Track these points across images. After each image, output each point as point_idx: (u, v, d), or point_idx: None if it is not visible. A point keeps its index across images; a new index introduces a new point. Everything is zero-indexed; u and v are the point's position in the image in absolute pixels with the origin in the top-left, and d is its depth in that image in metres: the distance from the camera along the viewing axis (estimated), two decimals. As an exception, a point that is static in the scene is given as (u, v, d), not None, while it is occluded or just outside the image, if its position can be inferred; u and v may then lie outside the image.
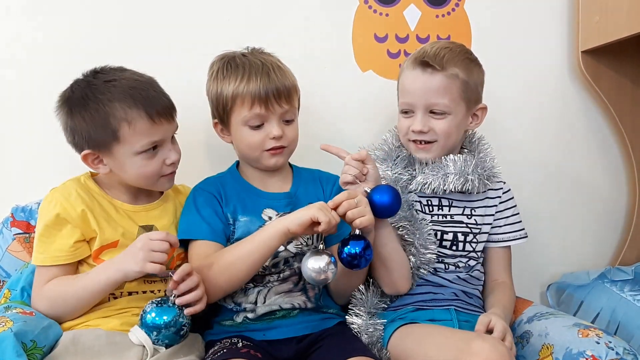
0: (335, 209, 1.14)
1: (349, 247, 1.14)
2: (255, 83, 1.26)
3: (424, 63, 1.31)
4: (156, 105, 1.19)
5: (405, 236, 1.31)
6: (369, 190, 1.18)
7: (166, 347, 1.13)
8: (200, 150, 1.58)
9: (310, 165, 1.47)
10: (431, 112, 1.32)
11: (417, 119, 1.33)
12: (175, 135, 1.28)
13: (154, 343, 1.12)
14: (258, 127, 1.29)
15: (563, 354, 1.14)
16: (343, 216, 1.14)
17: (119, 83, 1.19)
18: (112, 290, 1.18)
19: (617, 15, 1.55)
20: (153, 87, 1.23)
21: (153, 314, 1.11)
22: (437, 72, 1.30)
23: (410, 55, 1.38)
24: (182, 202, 1.35)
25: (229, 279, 1.20)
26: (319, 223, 1.12)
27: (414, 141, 1.35)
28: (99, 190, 1.26)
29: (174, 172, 1.28)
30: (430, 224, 1.34)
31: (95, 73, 1.23)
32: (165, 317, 1.11)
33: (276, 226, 1.17)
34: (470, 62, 1.34)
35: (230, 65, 1.31)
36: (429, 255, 1.31)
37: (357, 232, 1.15)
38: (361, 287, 1.31)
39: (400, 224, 1.31)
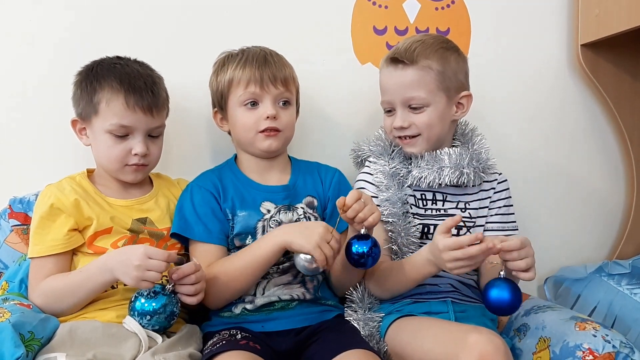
0: (341, 207, 1.14)
1: (356, 246, 1.14)
2: (252, 65, 1.30)
3: (394, 60, 1.33)
4: (136, 94, 1.23)
5: (390, 233, 1.32)
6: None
7: (157, 332, 1.15)
8: (202, 149, 1.57)
9: (307, 157, 1.47)
10: (410, 106, 1.33)
11: (397, 116, 1.34)
12: (159, 137, 1.31)
13: (144, 327, 1.13)
14: (253, 107, 1.31)
15: (560, 347, 1.15)
16: (351, 218, 1.15)
17: (121, 68, 1.26)
18: (106, 288, 1.19)
19: (616, 8, 1.55)
20: (145, 80, 1.26)
21: (142, 300, 1.13)
22: (407, 66, 1.31)
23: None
24: (177, 195, 1.37)
25: (232, 292, 1.26)
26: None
27: (399, 137, 1.36)
28: (92, 189, 1.29)
29: (141, 166, 1.28)
30: (417, 220, 1.33)
31: (117, 58, 1.31)
32: (154, 304, 1.13)
33: (274, 240, 1.20)
34: (445, 51, 1.33)
35: (230, 56, 1.35)
36: (408, 255, 1.30)
37: (363, 231, 1.15)
38: (357, 285, 1.32)
39: (389, 219, 1.32)
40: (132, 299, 1.14)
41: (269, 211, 1.31)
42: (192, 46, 1.54)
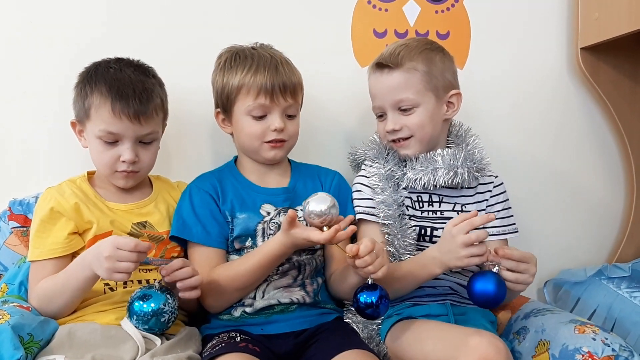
0: (353, 255, 1.10)
1: (364, 296, 1.11)
2: (263, 75, 1.27)
3: (380, 65, 1.35)
4: (122, 101, 1.22)
5: (387, 235, 1.32)
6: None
7: (155, 334, 1.14)
8: (203, 153, 1.57)
9: (308, 160, 1.47)
10: (400, 109, 1.34)
11: (389, 119, 1.35)
12: (151, 143, 1.28)
13: (142, 329, 1.12)
14: (261, 118, 1.29)
15: (559, 350, 1.15)
16: (360, 267, 1.11)
17: (114, 73, 1.25)
18: (91, 286, 1.17)
19: (616, 12, 1.55)
20: (135, 87, 1.24)
21: (140, 302, 1.12)
22: (393, 70, 1.33)
23: None
24: (176, 198, 1.36)
25: (239, 295, 1.27)
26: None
27: (393, 141, 1.36)
28: (93, 192, 1.29)
29: (131, 173, 1.27)
30: (413, 222, 1.33)
31: (116, 60, 1.30)
32: (152, 305, 1.12)
33: (279, 242, 1.18)
34: (430, 52, 1.35)
35: (238, 56, 1.32)
36: (406, 257, 1.30)
37: (370, 281, 1.12)
38: None
39: (385, 222, 1.32)
40: (130, 302, 1.14)
41: (268, 213, 1.31)
42: (193, 49, 1.54)
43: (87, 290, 1.17)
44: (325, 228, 1.11)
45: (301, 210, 1.15)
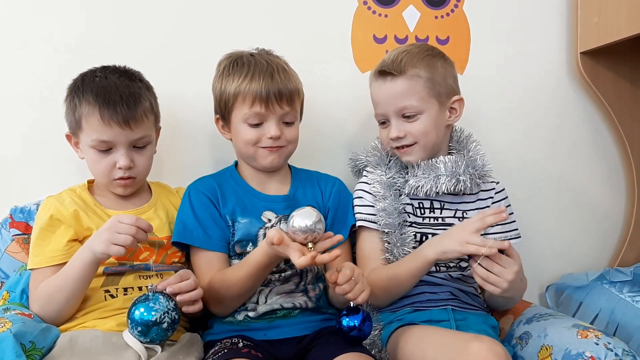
0: (333, 282, 1.12)
1: (347, 319, 1.14)
2: (258, 82, 1.27)
3: (382, 72, 1.35)
4: (110, 108, 1.22)
5: (387, 243, 1.32)
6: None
7: (158, 344, 1.13)
8: (202, 159, 1.57)
9: (309, 166, 1.47)
10: (403, 116, 1.34)
11: (392, 126, 1.35)
12: (145, 147, 1.28)
13: (144, 341, 1.10)
14: (257, 125, 1.29)
15: (562, 355, 1.14)
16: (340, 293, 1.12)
17: (99, 81, 1.25)
18: (91, 275, 1.17)
19: (616, 16, 1.55)
20: (121, 93, 1.24)
21: (141, 309, 1.09)
22: (396, 77, 1.32)
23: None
24: (175, 204, 1.37)
25: (239, 301, 1.26)
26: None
27: (396, 148, 1.36)
28: (92, 200, 1.30)
29: (128, 180, 1.27)
30: (414, 229, 1.34)
31: (102, 68, 1.30)
32: (153, 312, 1.09)
33: (264, 252, 1.17)
34: (431, 58, 1.35)
35: (236, 63, 1.32)
36: None
37: (352, 304, 1.14)
38: None
39: (385, 230, 1.32)
40: (130, 310, 1.10)
41: (269, 220, 1.31)
42: (192, 55, 1.55)
43: (87, 280, 1.16)
44: (310, 244, 1.09)
45: (286, 224, 1.13)
